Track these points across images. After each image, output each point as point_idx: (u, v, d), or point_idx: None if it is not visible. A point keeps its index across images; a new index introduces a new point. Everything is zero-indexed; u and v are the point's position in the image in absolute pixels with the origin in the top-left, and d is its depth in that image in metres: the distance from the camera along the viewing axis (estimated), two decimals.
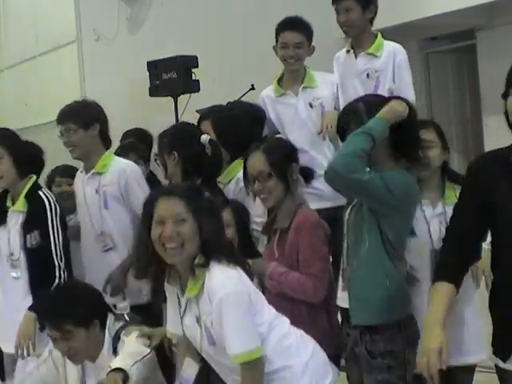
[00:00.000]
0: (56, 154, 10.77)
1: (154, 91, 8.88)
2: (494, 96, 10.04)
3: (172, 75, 8.67)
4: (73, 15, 10.25)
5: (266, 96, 4.54)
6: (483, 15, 10.15)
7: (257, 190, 3.27)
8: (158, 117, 9.41)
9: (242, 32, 9.63)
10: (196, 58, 8.66)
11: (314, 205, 4.00)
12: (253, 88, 8.29)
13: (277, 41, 4.49)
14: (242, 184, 3.52)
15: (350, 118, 3.03)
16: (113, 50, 10.04)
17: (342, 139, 3.05)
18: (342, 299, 3.08)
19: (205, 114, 4.68)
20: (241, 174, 3.51)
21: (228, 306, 2.56)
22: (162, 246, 2.62)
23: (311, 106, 4.37)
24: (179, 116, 8.67)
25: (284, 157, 3.28)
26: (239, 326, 2.59)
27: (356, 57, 4.34)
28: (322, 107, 4.35)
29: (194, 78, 8.67)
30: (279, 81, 4.51)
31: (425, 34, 11.04)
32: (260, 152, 3.25)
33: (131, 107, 9.51)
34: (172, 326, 2.84)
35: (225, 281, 2.60)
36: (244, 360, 2.57)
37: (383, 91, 4.17)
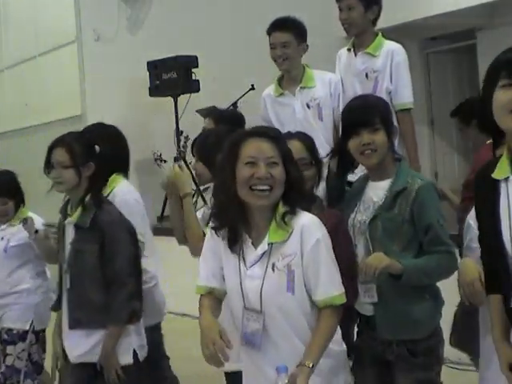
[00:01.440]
0: None
1: (154, 91, 8.88)
2: None
3: (172, 75, 8.67)
4: (73, 15, 10.25)
5: (266, 95, 4.56)
6: (483, 15, 10.14)
7: None
8: (158, 117, 9.42)
9: (241, 32, 9.62)
10: (196, 57, 8.66)
11: None
12: (253, 88, 8.29)
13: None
14: None
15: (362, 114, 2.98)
16: (113, 50, 10.03)
17: (347, 137, 2.99)
18: (357, 304, 3.03)
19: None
20: None
21: (325, 246, 2.57)
22: (250, 188, 2.54)
23: (308, 106, 4.38)
24: (179, 116, 8.68)
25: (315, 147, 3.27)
26: (334, 268, 2.60)
27: (356, 55, 4.35)
28: (319, 108, 4.36)
29: (193, 77, 8.67)
30: (279, 81, 4.52)
31: (425, 34, 11.03)
32: (296, 140, 3.15)
33: (131, 107, 9.51)
34: (215, 279, 2.71)
35: (319, 223, 2.60)
36: (340, 301, 2.58)
37: (381, 91, 4.19)
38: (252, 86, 8.26)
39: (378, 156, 2.95)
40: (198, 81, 8.66)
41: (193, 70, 8.65)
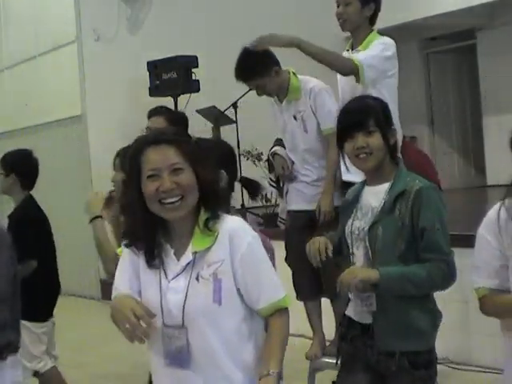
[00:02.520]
0: (55, 154, 10.78)
1: (154, 91, 8.88)
2: (494, 96, 10.15)
3: (172, 75, 8.67)
4: (73, 15, 10.23)
5: (271, 103, 4.71)
6: (483, 15, 10.14)
7: None
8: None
9: (241, 32, 9.62)
10: (196, 58, 8.66)
11: (299, 205, 4.52)
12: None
13: None
14: None
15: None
16: (113, 49, 10.03)
17: (342, 140, 2.91)
18: (355, 313, 2.94)
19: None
20: None
21: (258, 249, 2.39)
22: (159, 202, 2.32)
23: (295, 118, 4.46)
24: None
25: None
26: (271, 269, 2.45)
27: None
28: (303, 120, 4.43)
29: (193, 78, 8.67)
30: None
31: (425, 34, 11.04)
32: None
33: (131, 107, 9.50)
34: (128, 288, 2.42)
35: (246, 225, 2.43)
36: (286, 303, 2.41)
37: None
38: None
39: (373, 159, 2.84)
40: (197, 81, 8.66)
41: (193, 70, 8.65)
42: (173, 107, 8.67)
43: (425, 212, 2.76)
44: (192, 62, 8.66)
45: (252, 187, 3.24)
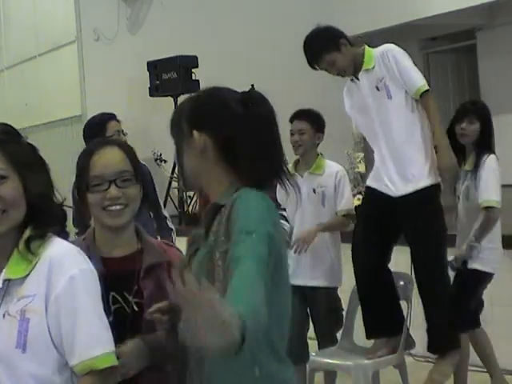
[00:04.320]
0: (55, 153, 10.81)
1: (154, 91, 8.88)
2: (494, 96, 10.17)
3: (172, 75, 8.68)
4: (73, 15, 10.25)
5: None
6: (483, 15, 10.15)
7: None
8: (158, 117, 9.42)
9: (242, 32, 9.63)
10: (196, 58, 8.67)
11: None
12: (253, 88, 8.29)
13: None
14: None
15: None
16: (113, 49, 10.03)
17: None
18: None
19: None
20: None
21: (83, 287, 1.90)
22: None
23: (314, 191, 4.62)
24: None
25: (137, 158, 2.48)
26: (97, 317, 1.91)
27: (359, 79, 4.34)
28: (323, 195, 4.61)
29: (193, 78, 8.67)
30: (296, 163, 4.75)
31: (425, 34, 11.03)
32: (116, 149, 2.37)
33: (131, 107, 9.51)
34: None
35: (78, 254, 1.96)
36: (103, 364, 1.88)
37: (397, 95, 4.17)
38: (252, 86, 8.26)
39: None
40: (197, 81, 8.67)
41: (193, 70, 8.65)
42: (173, 107, 8.68)
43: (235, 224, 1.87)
44: (192, 61, 8.67)
45: None
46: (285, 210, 4.60)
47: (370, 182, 4.38)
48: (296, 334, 4.53)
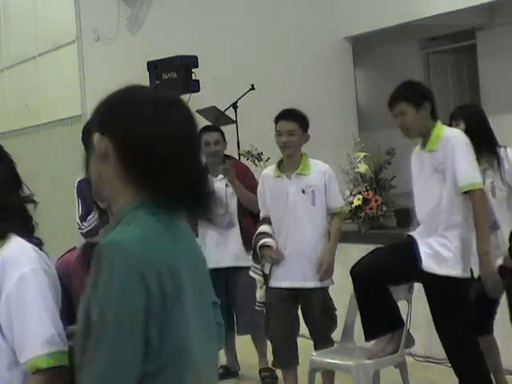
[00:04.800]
0: (56, 153, 10.79)
1: None
2: (494, 96, 10.18)
3: (172, 75, 8.67)
4: (73, 15, 10.23)
5: (265, 175, 4.87)
6: (483, 15, 10.14)
7: None
8: None
9: (241, 32, 9.62)
10: (196, 57, 8.66)
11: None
12: (253, 88, 8.29)
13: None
14: None
15: None
16: (113, 50, 10.03)
17: None
18: None
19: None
20: None
21: (35, 286, 1.91)
22: None
23: (303, 191, 4.66)
24: None
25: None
26: (37, 317, 1.92)
27: (422, 150, 4.28)
28: (313, 194, 4.64)
29: (194, 78, 8.67)
30: (279, 163, 4.80)
31: (425, 34, 11.03)
32: None
33: None
34: None
35: (30, 253, 1.96)
36: (47, 363, 1.91)
37: (449, 178, 4.10)
38: (252, 86, 8.26)
39: None
40: (197, 81, 8.66)
41: (193, 70, 8.65)
42: None
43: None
44: (192, 61, 8.66)
45: None
46: (270, 223, 4.63)
47: (413, 233, 4.25)
48: (285, 338, 4.62)
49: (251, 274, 4.83)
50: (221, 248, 5.38)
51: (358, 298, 4.32)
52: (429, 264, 4.07)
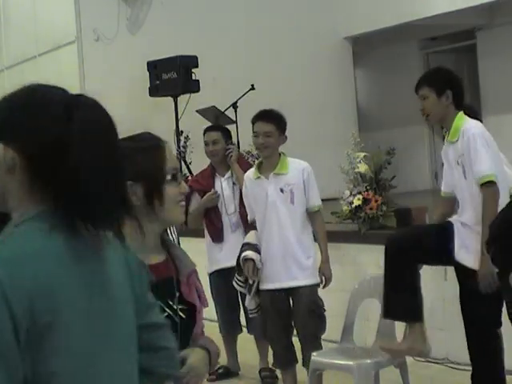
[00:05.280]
0: None
1: (154, 91, 8.88)
2: (494, 96, 10.16)
3: (172, 75, 8.67)
4: (73, 15, 10.25)
5: (247, 177, 4.89)
6: (483, 15, 10.15)
7: None
8: (158, 117, 9.42)
9: (242, 32, 9.62)
10: (196, 58, 8.66)
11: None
12: (253, 88, 8.29)
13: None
14: None
15: None
16: (113, 50, 10.04)
17: None
18: None
19: None
20: None
21: None
22: None
23: (282, 191, 4.67)
24: (179, 116, 8.68)
25: None
26: None
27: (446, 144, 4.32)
28: (292, 193, 4.65)
29: (193, 78, 8.67)
30: (259, 165, 4.82)
31: (425, 34, 11.02)
32: None
33: (131, 107, 9.51)
34: None
35: None
36: None
37: (469, 176, 4.08)
38: (252, 86, 8.27)
39: None
40: (197, 81, 8.66)
41: (193, 70, 8.65)
42: (173, 107, 8.68)
43: None
44: (192, 61, 8.67)
45: None
46: (255, 245, 4.64)
47: (452, 219, 4.22)
48: (282, 339, 4.62)
49: (234, 285, 4.82)
50: (226, 248, 5.38)
51: (385, 271, 4.14)
52: (461, 255, 4.06)
